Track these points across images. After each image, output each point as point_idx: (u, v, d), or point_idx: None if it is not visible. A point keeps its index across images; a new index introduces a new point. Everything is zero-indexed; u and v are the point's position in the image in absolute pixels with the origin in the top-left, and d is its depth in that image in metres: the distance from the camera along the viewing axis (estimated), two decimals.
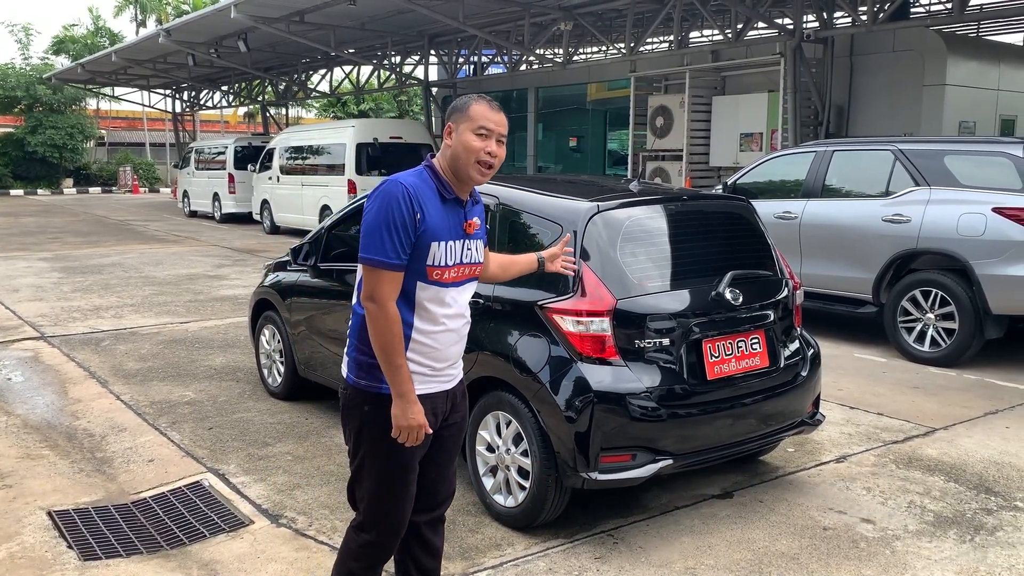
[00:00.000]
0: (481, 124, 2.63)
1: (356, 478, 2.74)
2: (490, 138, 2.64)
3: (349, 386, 2.70)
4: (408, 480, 2.71)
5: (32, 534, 3.92)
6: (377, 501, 2.69)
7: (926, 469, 4.80)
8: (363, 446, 2.67)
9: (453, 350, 2.76)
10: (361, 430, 2.67)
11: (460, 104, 2.69)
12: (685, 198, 4.48)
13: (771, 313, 4.22)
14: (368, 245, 2.55)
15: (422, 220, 2.56)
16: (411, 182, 2.59)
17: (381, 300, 2.54)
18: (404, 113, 42.14)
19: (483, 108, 2.65)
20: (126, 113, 44.90)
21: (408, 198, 2.54)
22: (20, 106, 34.23)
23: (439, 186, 2.65)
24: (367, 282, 2.57)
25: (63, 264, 13.29)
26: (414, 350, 2.64)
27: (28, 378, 6.68)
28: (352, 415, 2.69)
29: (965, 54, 13.19)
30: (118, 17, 50.57)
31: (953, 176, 7.20)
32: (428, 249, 2.58)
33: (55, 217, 22.83)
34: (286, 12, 16.46)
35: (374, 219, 2.55)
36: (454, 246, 2.66)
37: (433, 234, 2.59)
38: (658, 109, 15.45)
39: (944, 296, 7.08)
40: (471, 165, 2.63)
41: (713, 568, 3.65)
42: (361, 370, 2.65)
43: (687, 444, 3.89)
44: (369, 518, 2.71)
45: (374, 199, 2.59)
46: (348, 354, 2.72)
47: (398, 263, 2.54)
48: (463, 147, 2.62)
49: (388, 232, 2.52)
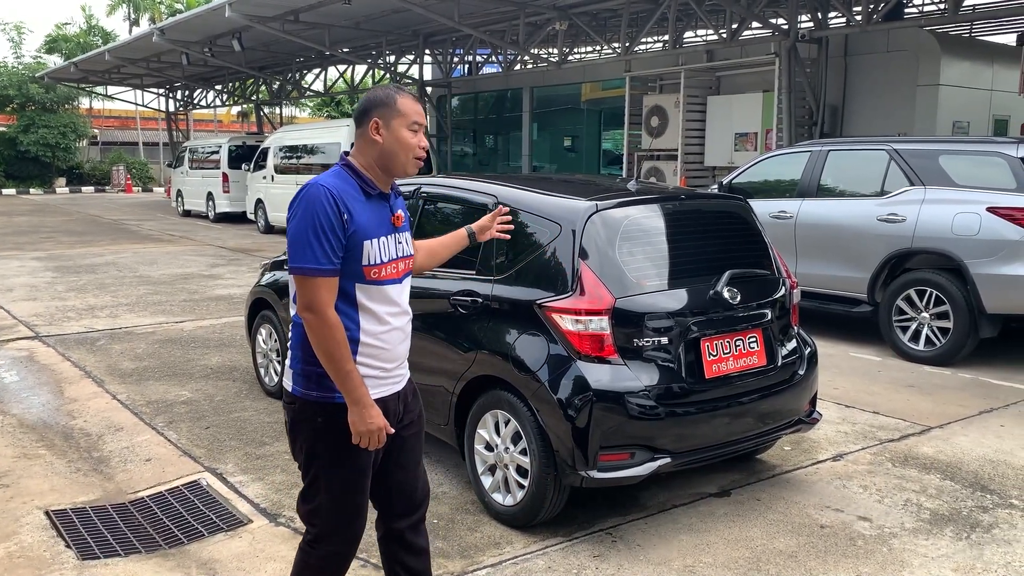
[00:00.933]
0: (414, 119, 2.60)
1: (310, 492, 2.65)
2: (420, 131, 2.63)
3: (297, 399, 2.60)
4: (366, 486, 2.67)
5: (30, 533, 3.91)
6: (338, 512, 2.63)
7: (922, 467, 4.83)
8: (318, 459, 2.60)
9: (401, 349, 2.73)
10: (315, 443, 2.59)
11: (384, 98, 2.61)
12: (683, 197, 4.49)
13: (769, 312, 4.23)
14: (297, 254, 2.47)
15: (350, 221, 2.50)
16: (332, 183, 2.52)
17: (319, 308, 2.46)
18: None
19: (411, 102, 2.61)
20: (119, 112, 44.77)
21: (332, 200, 2.47)
22: (12, 105, 34.07)
23: (361, 184, 2.59)
24: (302, 292, 2.48)
25: (57, 264, 13.25)
26: (364, 354, 2.59)
27: (23, 378, 6.66)
28: (303, 428, 2.61)
29: (959, 54, 13.25)
30: (111, 16, 50.55)
31: (948, 176, 7.22)
32: (361, 249, 2.53)
33: (48, 216, 22.75)
34: (281, 11, 16.45)
35: (300, 226, 2.47)
36: (387, 242, 2.62)
37: (364, 233, 2.53)
38: (653, 109, 15.47)
39: (939, 295, 7.11)
40: (408, 161, 2.61)
41: (711, 566, 3.66)
42: (310, 382, 2.57)
43: (685, 442, 3.90)
44: (327, 530, 2.65)
45: (297, 205, 2.50)
46: (292, 367, 2.62)
47: (331, 268, 2.47)
48: (399, 144, 2.59)
49: (317, 238, 2.45)
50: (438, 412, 4.42)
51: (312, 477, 2.63)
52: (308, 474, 2.63)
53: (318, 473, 2.61)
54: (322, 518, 2.64)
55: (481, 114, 23.23)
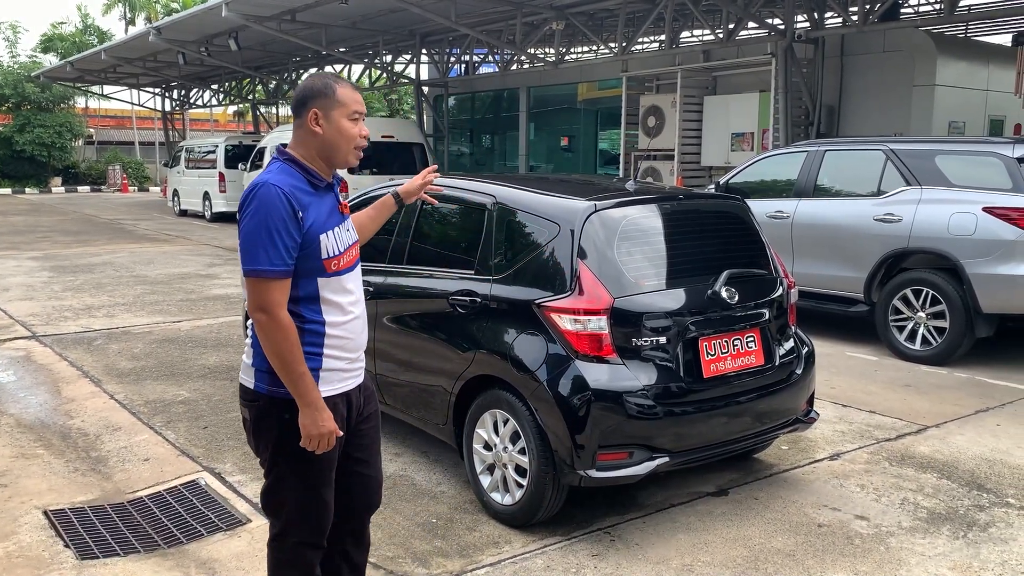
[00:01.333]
0: (354, 109, 2.57)
1: (275, 488, 2.64)
2: (360, 120, 2.60)
3: (261, 396, 2.56)
4: (332, 478, 2.66)
5: (28, 533, 3.91)
6: (305, 505, 2.62)
7: (919, 466, 4.84)
8: (284, 455, 2.57)
9: (362, 337, 2.72)
10: (281, 439, 2.56)
11: (322, 88, 2.57)
12: (681, 197, 4.51)
13: (766, 311, 4.25)
14: (251, 256, 2.43)
15: (305, 218, 2.47)
16: (283, 181, 2.48)
17: (272, 309, 2.43)
18: (394, 112, 42.09)
19: (350, 91, 2.58)
20: (115, 112, 44.67)
21: (286, 198, 2.44)
22: (8, 104, 33.98)
23: (308, 177, 2.55)
24: (255, 294, 2.44)
25: (53, 263, 13.23)
26: (332, 346, 2.58)
27: (20, 377, 6.65)
28: (267, 426, 2.58)
29: (954, 54, 13.28)
30: (107, 15, 50.42)
31: (944, 176, 7.25)
32: (319, 244, 2.51)
33: (44, 216, 22.70)
34: (277, 11, 16.43)
35: (255, 228, 2.42)
36: (340, 232, 2.61)
37: (319, 227, 2.52)
38: (650, 109, 15.48)
39: (935, 295, 7.14)
40: (350, 152, 2.58)
41: (710, 565, 3.68)
42: (276, 378, 2.52)
43: (683, 442, 3.92)
44: (295, 523, 2.63)
45: (248, 206, 2.45)
46: (254, 364, 2.58)
47: (285, 269, 2.44)
48: (340, 134, 2.56)
49: (272, 239, 2.41)
50: (437, 411, 4.43)
51: (278, 473, 2.62)
52: (273, 470, 2.63)
53: (285, 469, 2.60)
54: (288, 512, 2.63)
55: (478, 114, 23.22)
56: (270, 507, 2.69)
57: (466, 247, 4.48)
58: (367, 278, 4.88)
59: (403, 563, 3.67)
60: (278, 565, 2.70)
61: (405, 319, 4.69)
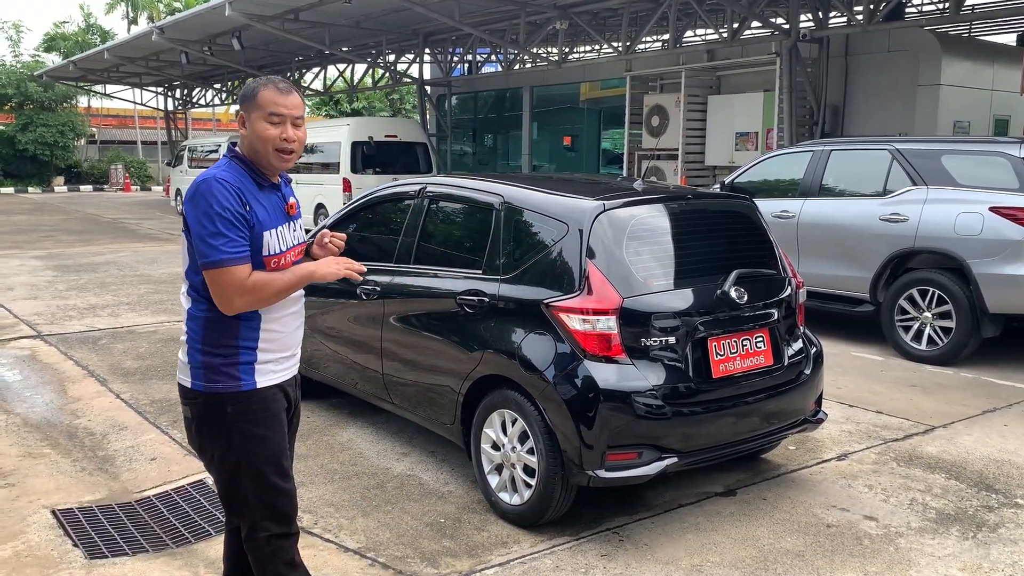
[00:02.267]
0: (271, 111, 2.56)
1: (233, 484, 2.64)
2: (284, 123, 2.57)
3: (201, 394, 2.58)
4: (285, 466, 2.67)
5: (37, 533, 3.90)
6: (264, 494, 2.62)
7: (927, 467, 4.83)
8: (234, 449, 2.59)
9: (297, 335, 2.76)
10: (229, 434, 2.58)
11: (248, 91, 2.60)
12: (690, 197, 4.50)
13: (775, 312, 4.24)
14: (208, 249, 2.44)
15: (251, 213, 2.51)
16: (226, 176, 2.52)
17: (243, 287, 2.47)
18: (397, 112, 42.10)
19: (271, 93, 2.57)
20: (117, 111, 44.69)
21: (232, 190, 2.49)
22: (10, 104, 34.02)
23: (253, 175, 2.59)
24: (221, 285, 2.46)
25: (57, 262, 13.23)
26: (266, 340, 2.61)
27: (26, 377, 6.65)
28: (214, 422, 2.59)
29: (959, 54, 13.26)
30: (109, 14, 50.36)
31: (951, 176, 7.23)
32: (262, 241, 2.55)
33: (47, 215, 22.72)
34: (281, 10, 16.42)
35: (204, 220, 2.45)
36: (283, 231, 2.63)
37: (263, 224, 2.55)
38: (654, 108, 15.47)
39: (941, 295, 7.12)
40: (270, 154, 2.58)
41: (719, 565, 3.67)
42: (214, 373, 2.56)
43: (692, 442, 3.91)
44: (262, 514, 2.64)
45: (195, 202, 2.48)
46: (190, 363, 2.60)
47: (245, 254, 2.48)
48: (258, 137, 2.57)
49: (225, 227, 2.44)
50: (444, 411, 4.42)
51: (231, 469, 2.61)
52: (225, 468, 2.63)
53: (237, 463, 2.60)
54: (250, 506, 2.63)
55: (481, 113, 23.22)
56: (233, 506, 2.69)
57: (473, 247, 4.47)
58: (374, 278, 4.90)
59: (412, 563, 3.67)
60: (260, 562, 2.70)
61: (412, 319, 4.68)
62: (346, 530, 3.98)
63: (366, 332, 4.97)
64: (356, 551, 3.78)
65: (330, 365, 5.36)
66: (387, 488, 4.48)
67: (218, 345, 2.56)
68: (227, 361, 2.56)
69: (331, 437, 5.25)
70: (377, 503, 4.29)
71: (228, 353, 2.57)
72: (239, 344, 2.57)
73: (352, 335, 5.11)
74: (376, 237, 5.35)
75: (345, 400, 5.75)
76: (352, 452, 5.01)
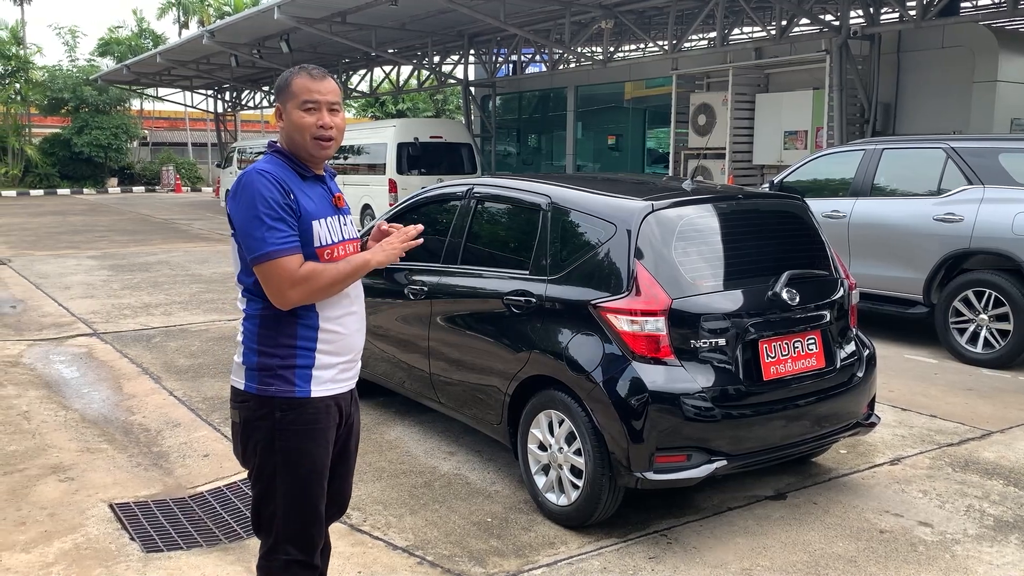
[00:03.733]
0: (305, 99, 2.49)
1: (265, 496, 2.53)
2: (320, 110, 2.50)
3: (252, 396, 2.49)
4: (323, 487, 2.57)
5: (96, 526, 4.00)
6: (296, 513, 2.52)
7: (983, 472, 4.72)
8: (275, 457, 2.48)
9: (358, 338, 2.65)
10: (273, 441, 2.48)
11: (282, 82, 2.54)
12: (740, 197, 4.45)
13: (827, 313, 4.18)
14: (256, 243, 2.37)
15: (296, 202, 2.43)
16: (269, 168, 2.45)
17: (295, 279, 2.38)
18: (440, 112, 42.32)
19: (304, 80, 2.50)
20: (168, 113, 45.60)
21: (275, 181, 2.41)
22: (67, 107, 34.96)
23: (295, 167, 2.52)
24: (272, 279, 2.38)
25: (112, 262, 13.55)
26: (325, 340, 2.52)
27: (83, 374, 6.83)
28: (259, 427, 2.49)
29: (1017, 50, 12.90)
30: (161, 19, 51.38)
31: (1008, 174, 7.05)
32: (312, 231, 2.46)
33: (101, 216, 23.28)
34: (328, 13, 16.62)
35: (251, 214, 2.38)
36: (332, 223, 2.54)
37: (311, 214, 2.46)
38: (700, 107, 15.32)
39: (998, 297, 6.95)
40: (308, 143, 2.50)
41: (769, 569, 3.63)
42: (268, 375, 2.47)
43: (742, 445, 3.86)
44: (287, 535, 2.52)
45: (240, 195, 2.41)
46: (245, 363, 2.52)
47: (295, 244, 2.39)
48: (294, 127, 2.50)
49: (271, 219, 2.36)
50: (491, 411, 4.43)
51: (267, 480, 2.51)
52: (262, 477, 2.52)
53: (274, 474, 2.49)
54: (278, 524, 2.52)
55: (525, 113, 23.23)
56: (260, 520, 2.57)
57: (520, 247, 4.48)
58: (421, 278, 4.94)
59: (460, 562, 3.69)
60: None
61: (459, 319, 4.70)
62: (395, 528, 4.02)
63: (413, 331, 5.00)
64: (404, 549, 3.81)
65: (378, 364, 5.41)
66: (434, 487, 4.51)
67: (275, 345, 2.47)
68: (284, 363, 2.46)
69: (379, 435, 5.30)
70: (425, 501, 4.32)
71: (286, 354, 2.47)
72: (297, 344, 2.48)
73: (399, 334, 5.15)
74: (423, 238, 5.36)
75: (393, 399, 5.80)
76: (400, 450, 5.05)
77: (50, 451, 5.01)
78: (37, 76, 35.18)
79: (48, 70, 35.66)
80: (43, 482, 4.54)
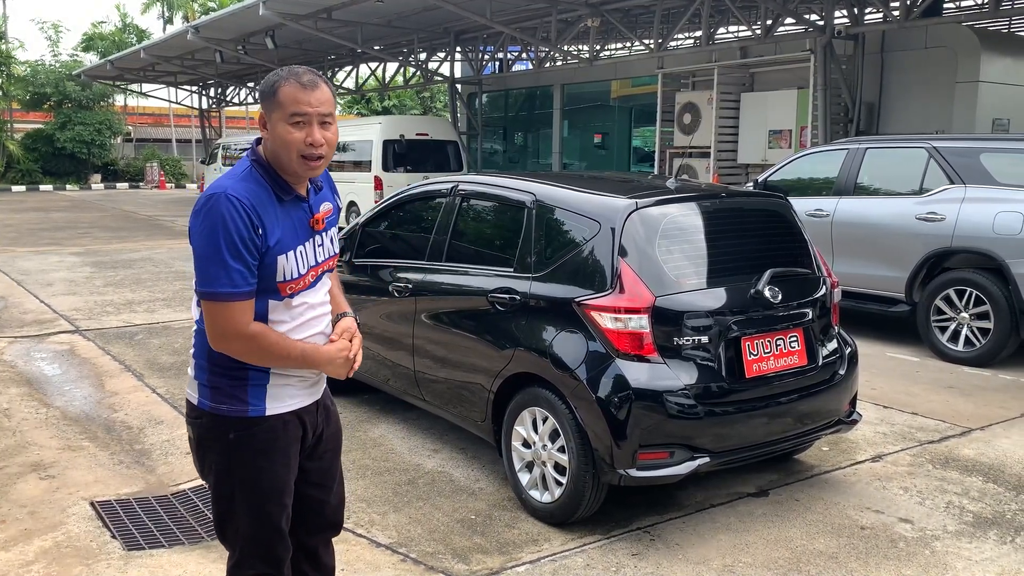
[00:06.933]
0: (292, 111, 2.20)
1: (226, 514, 2.40)
2: (309, 124, 2.21)
3: (205, 414, 2.32)
4: (285, 503, 2.41)
5: (76, 524, 3.98)
6: (256, 532, 2.38)
7: (963, 469, 4.76)
8: (231, 476, 2.35)
9: None
10: (228, 460, 2.34)
11: (268, 87, 2.25)
12: (724, 195, 4.48)
13: (810, 311, 4.20)
14: (208, 277, 2.15)
15: (264, 236, 2.19)
16: (242, 191, 2.18)
17: (240, 331, 2.19)
18: (427, 110, 42.25)
19: (292, 90, 2.21)
20: (152, 110, 45.31)
21: (244, 212, 2.15)
22: (49, 103, 34.65)
23: (274, 186, 2.26)
24: (218, 320, 2.18)
25: (94, 259, 13.45)
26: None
27: (65, 371, 6.78)
28: (213, 446, 2.34)
29: (999, 50, 13.01)
30: (145, 14, 51.17)
31: (989, 174, 7.11)
32: (276, 266, 2.23)
33: (84, 212, 23.10)
34: (313, 9, 16.55)
35: (208, 244, 2.14)
36: (304, 251, 2.30)
37: (279, 247, 2.23)
38: (686, 106, 15.37)
39: (979, 295, 7.01)
40: (294, 160, 2.23)
41: (751, 566, 3.65)
42: (219, 394, 2.30)
43: (725, 442, 3.89)
44: (249, 553, 2.40)
45: (203, 219, 2.16)
46: (197, 378, 2.34)
47: (248, 290, 2.18)
48: (280, 142, 2.22)
49: (230, 256, 2.13)
50: (475, 408, 4.44)
51: (227, 498, 2.38)
52: (222, 495, 2.39)
53: (233, 492, 2.36)
54: (241, 540, 2.40)
55: (511, 111, 23.22)
56: (224, 535, 2.45)
57: (505, 245, 4.49)
58: (406, 275, 4.93)
59: (443, 559, 3.69)
60: None
61: (444, 316, 4.70)
62: (378, 525, 4.01)
63: (398, 329, 5.00)
64: (388, 546, 3.81)
65: (365, 362, 5.38)
66: (418, 484, 4.51)
67: (225, 364, 2.27)
68: (235, 383, 2.29)
69: (363, 433, 5.29)
70: (409, 499, 4.31)
71: (237, 374, 2.29)
72: (248, 364, 2.28)
73: (384, 332, 5.14)
74: (408, 235, 5.38)
75: (376, 396, 5.79)
76: (384, 448, 5.04)
77: (31, 448, 4.97)
78: (19, 71, 34.85)
79: (30, 65, 35.34)
80: (23, 480, 4.51)
